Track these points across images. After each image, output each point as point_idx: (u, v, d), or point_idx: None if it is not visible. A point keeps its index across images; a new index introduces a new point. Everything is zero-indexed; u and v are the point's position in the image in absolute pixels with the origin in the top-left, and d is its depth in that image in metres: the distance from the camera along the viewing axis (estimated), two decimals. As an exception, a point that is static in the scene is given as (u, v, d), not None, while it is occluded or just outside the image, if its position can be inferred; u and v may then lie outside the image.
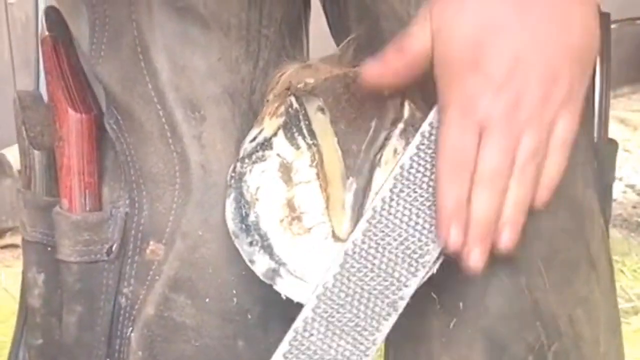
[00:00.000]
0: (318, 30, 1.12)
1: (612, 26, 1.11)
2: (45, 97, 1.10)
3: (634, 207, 2.74)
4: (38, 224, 1.07)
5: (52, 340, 1.07)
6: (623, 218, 2.66)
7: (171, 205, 1.00)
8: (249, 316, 1.01)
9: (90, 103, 1.04)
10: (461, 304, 1.01)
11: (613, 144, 1.11)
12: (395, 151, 0.98)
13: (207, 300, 0.99)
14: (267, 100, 0.99)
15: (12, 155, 1.92)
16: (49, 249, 1.06)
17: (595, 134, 1.10)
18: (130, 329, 1.01)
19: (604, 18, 1.09)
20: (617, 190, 2.78)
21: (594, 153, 1.08)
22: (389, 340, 1.02)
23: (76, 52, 1.07)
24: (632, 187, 2.84)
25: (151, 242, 1.01)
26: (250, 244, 0.96)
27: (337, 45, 1.08)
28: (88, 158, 1.03)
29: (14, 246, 2.45)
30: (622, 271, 2.34)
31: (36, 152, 1.07)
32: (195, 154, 0.99)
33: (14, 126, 1.09)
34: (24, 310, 1.12)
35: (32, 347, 1.09)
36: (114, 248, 1.02)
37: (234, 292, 1.00)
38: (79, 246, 1.02)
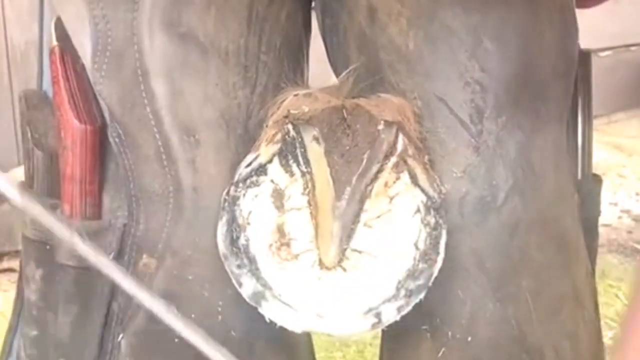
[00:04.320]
0: (317, 53, 1.14)
1: (607, 53, 1.14)
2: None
3: (629, 232, 2.74)
4: (39, 223, 1.09)
5: (47, 333, 1.09)
6: (618, 243, 2.66)
7: (164, 223, 1.01)
8: (234, 333, 1.02)
9: (95, 114, 1.05)
10: (450, 333, 1.02)
11: (597, 179, 1.12)
12: (386, 184, 0.99)
13: (192, 316, 1.01)
14: (266, 126, 1.01)
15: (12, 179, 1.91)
16: (48, 247, 1.08)
17: (579, 170, 1.11)
18: (121, 335, 1.03)
19: (585, 56, 1.11)
20: (613, 215, 2.78)
21: (578, 188, 1.09)
22: None
23: (82, 62, 1.08)
24: (627, 212, 2.84)
25: (144, 256, 1.03)
26: (239, 266, 0.97)
27: (335, 73, 1.10)
28: (90, 167, 1.04)
29: (11, 270, 2.42)
30: (617, 296, 2.34)
31: (39, 153, 1.09)
32: (188, 177, 1.01)
33: (14, 150, 1.10)
34: (20, 300, 1.14)
35: (27, 338, 1.11)
36: (111, 257, 1.03)
37: (219, 310, 1.01)
38: (77, 252, 1.04)
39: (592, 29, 1.11)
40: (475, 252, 1.02)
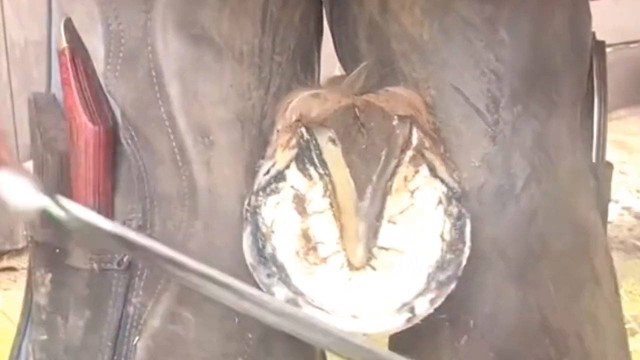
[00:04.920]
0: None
1: (608, 50, 1.14)
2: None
3: (630, 229, 2.75)
4: (47, 226, 1.07)
5: (57, 337, 1.08)
6: (619, 240, 2.67)
7: (180, 225, 1.01)
8: (250, 335, 1.01)
9: (107, 115, 1.04)
10: (472, 322, 1.02)
11: (609, 165, 1.13)
12: (405, 178, 0.99)
13: (209, 318, 1.00)
14: (277, 131, 1.00)
15: None
16: (57, 250, 1.07)
17: (594, 156, 1.12)
18: (137, 338, 1.03)
19: (600, 45, 1.12)
20: (614, 212, 2.78)
21: (594, 175, 1.10)
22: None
23: (93, 63, 1.07)
24: (628, 209, 2.84)
25: None
26: (268, 275, 0.97)
27: (342, 64, 1.10)
28: (104, 169, 1.03)
29: (11, 269, 2.42)
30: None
31: (49, 156, 1.07)
32: (203, 179, 1.00)
33: (13, 149, 1.09)
34: (29, 304, 1.13)
35: (37, 342, 1.09)
36: (125, 259, 1.03)
37: (235, 311, 1.01)
38: (90, 255, 1.04)
39: (592, 26, 1.13)
40: (495, 241, 1.02)
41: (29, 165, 1.09)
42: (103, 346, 1.04)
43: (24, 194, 0.92)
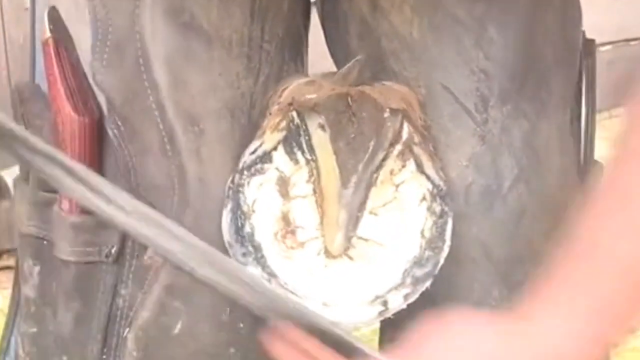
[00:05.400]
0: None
1: (607, 47, 1.14)
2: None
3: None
4: (34, 218, 1.08)
5: (46, 330, 1.08)
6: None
7: (169, 214, 1.00)
8: (241, 325, 1.01)
9: (92, 106, 1.04)
10: None
11: (598, 165, 1.13)
12: (391, 172, 0.99)
13: (200, 308, 1.00)
14: (270, 114, 1.00)
15: (11, 177, 1.90)
16: (45, 242, 1.07)
17: (582, 156, 1.11)
18: (127, 329, 1.03)
19: (589, 44, 1.11)
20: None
21: (582, 175, 1.09)
22: None
23: (77, 53, 1.06)
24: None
25: (150, 249, 1.01)
26: (244, 254, 0.97)
27: (334, 60, 1.09)
28: (90, 161, 1.03)
29: (10, 268, 2.40)
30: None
31: None
32: (193, 168, 1.00)
33: None
34: (17, 298, 1.14)
35: (26, 335, 1.10)
36: (113, 251, 1.03)
37: (227, 301, 1.01)
38: (77, 247, 1.04)
39: (591, 23, 1.12)
40: (481, 241, 1.02)
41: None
42: (93, 338, 1.05)
43: None
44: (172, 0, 1.00)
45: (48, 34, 1.05)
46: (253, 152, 0.99)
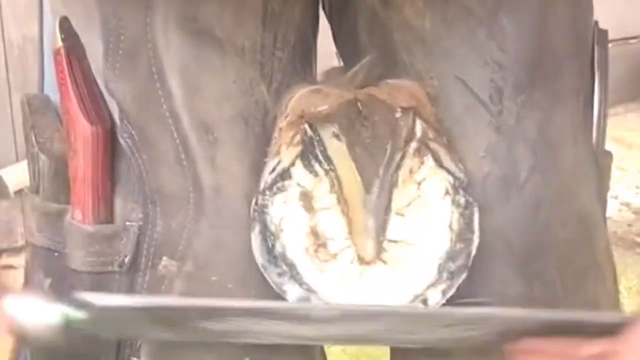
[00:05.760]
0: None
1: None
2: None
3: (629, 225, 2.74)
4: (45, 230, 1.08)
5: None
6: (618, 236, 2.66)
7: (184, 224, 1.00)
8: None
9: (105, 115, 1.04)
10: None
11: (608, 155, 1.13)
12: (411, 170, 0.99)
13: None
14: (281, 129, 1.00)
15: (9, 176, 1.90)
16: (56, 254, 1.06)
17: (594, 145, 1.12)
18: (140, 342, 1.02)
19: (603, 35, 1.12)
20: (613, 208, 2.78)
21: (595, 164, 1.10)
22: None
23: (89, 62, 1.06)
24: (627, 205, 2.84)
25: (164, 258, 1.01)
26: (279, 274, 0.97)
27: (341, 54, 1.10)
28: (102, 170, 1.03)
29: (10, 267, 2.41)
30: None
31: (44, 158, 1.06)
32: (208, 177, 1.00)
33: (12, 147, 1.09)
34: None
35: (38, 348, 1.07)
36: (126, 261, 1.02)
37: None
38: (90, 257, 1.03)
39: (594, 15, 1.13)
40: (500, 232, 1.02)
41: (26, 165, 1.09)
42: (106, 349, 1.04)
43: (37, 312, 0.91)
44: (184, 9, 1.00)
45: (60, 43, 1.04)
46: (272, 171, 0.98)
